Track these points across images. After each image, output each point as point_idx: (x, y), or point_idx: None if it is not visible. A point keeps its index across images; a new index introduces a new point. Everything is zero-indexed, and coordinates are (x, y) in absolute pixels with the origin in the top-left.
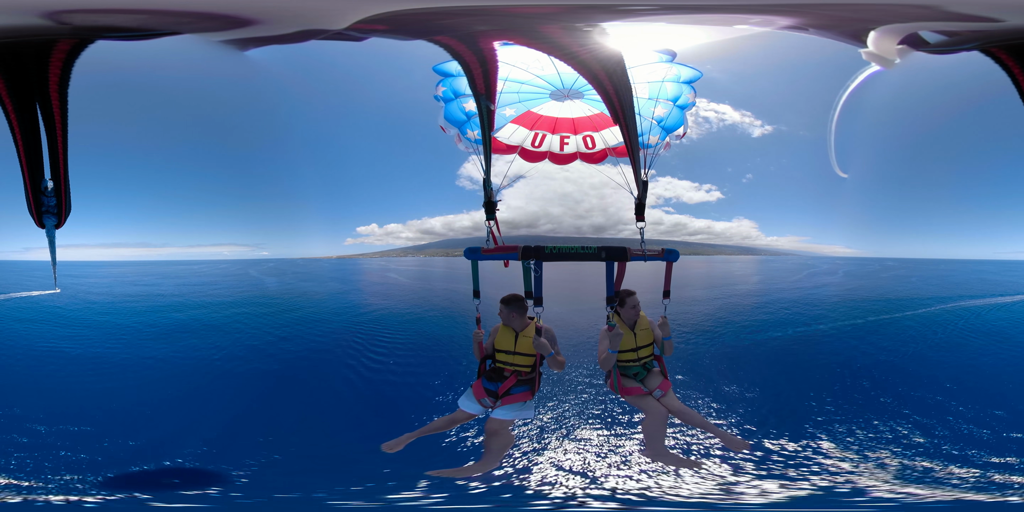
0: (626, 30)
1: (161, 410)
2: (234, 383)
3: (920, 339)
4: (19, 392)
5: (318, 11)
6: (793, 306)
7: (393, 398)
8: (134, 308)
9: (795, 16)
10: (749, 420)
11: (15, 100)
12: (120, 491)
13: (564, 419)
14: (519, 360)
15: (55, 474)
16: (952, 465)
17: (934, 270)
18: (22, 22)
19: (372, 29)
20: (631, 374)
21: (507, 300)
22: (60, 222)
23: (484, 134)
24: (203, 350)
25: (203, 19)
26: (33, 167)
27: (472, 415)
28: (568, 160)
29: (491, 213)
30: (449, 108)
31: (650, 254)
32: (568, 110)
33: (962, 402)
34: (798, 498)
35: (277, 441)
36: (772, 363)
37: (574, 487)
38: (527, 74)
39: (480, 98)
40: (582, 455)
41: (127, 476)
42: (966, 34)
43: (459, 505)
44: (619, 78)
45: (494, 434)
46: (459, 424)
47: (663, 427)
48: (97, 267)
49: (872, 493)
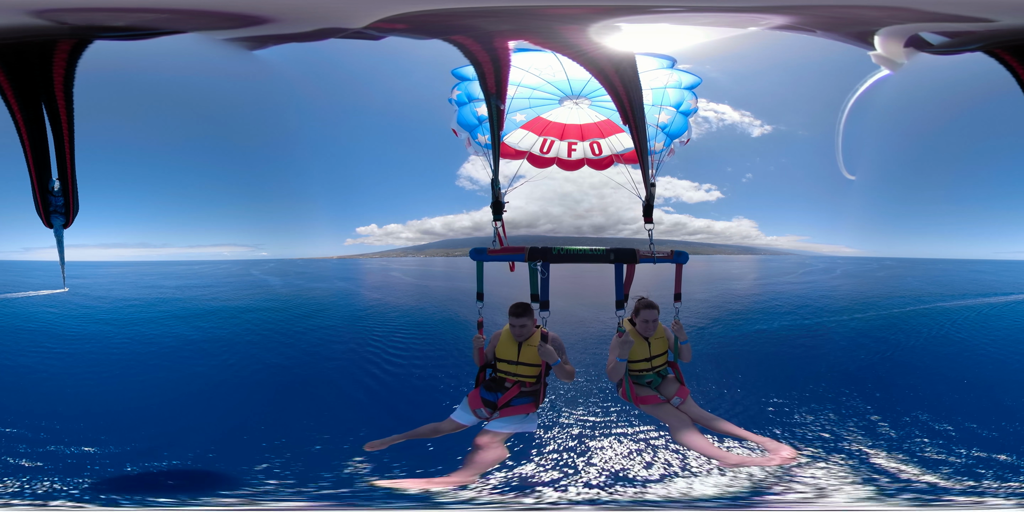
0: (628, 31)
1: (180, 411)
2: (247, 387)
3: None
4: (27, 392)
5: (341, 10)
6: (786, 302)
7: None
8: (137, 308)
9: (796, 16)
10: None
11: (21, 100)
12: (121, 492)
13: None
14: (523, 370)
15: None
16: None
17: (932, 270)
18: (23, 22)
19: (391, 28)
20: (644, 382)
21: (519, 311)
22: (68, 222)
23: (493, 134)
24: (216, 355)
25: (216, 17)
26: (40, 167)
27: (461, 426)
28: (575, 166)
29: (498, 214)
30: (462, 112)
31: (659, 256)
32: (576, 116)
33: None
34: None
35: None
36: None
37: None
38: (538, 80)
39: (490, 97)
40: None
41: (129, 477)
42: (969, 35)
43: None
44: (630, 78)
45: (483, 447)
46: (443, 434)
47: (698, 432)
48: (96, 267)
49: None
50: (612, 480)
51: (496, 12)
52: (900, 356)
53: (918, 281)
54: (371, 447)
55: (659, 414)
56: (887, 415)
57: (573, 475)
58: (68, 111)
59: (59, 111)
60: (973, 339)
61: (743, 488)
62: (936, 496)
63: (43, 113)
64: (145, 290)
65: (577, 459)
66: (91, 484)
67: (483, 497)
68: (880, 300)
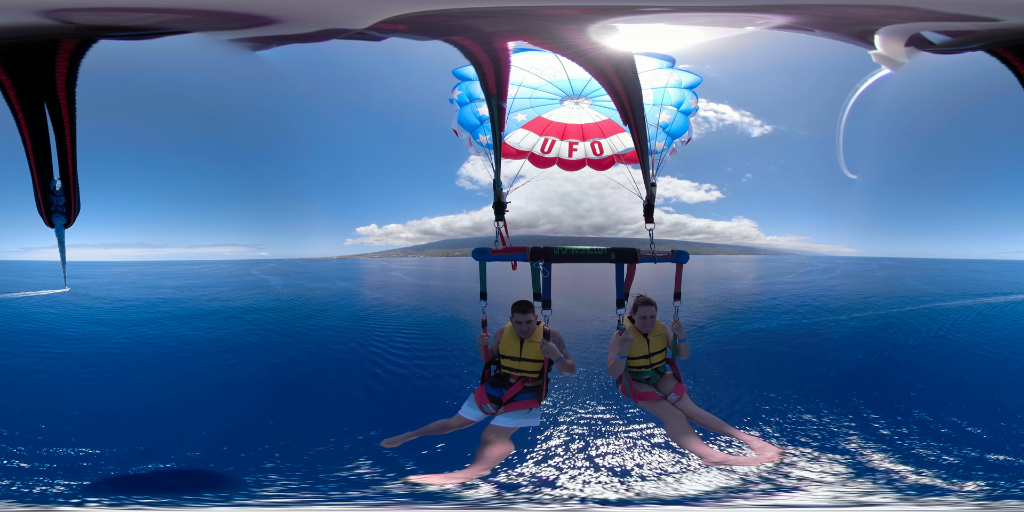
0: (629, 31)
1: (181, 411)
2: (252, 387)
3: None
4: (28, 392)
5: (343, 11)
6: (784, 301)
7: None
8: (137, 309)
9: (795, 15)
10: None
11: (23, 100)
12: (121, 493)
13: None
14: (525, 366)
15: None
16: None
17: (931, 270)
18: (25, 21)
19: (392, 29)
20: (643, 379)
21: (521, 309)
22: (69, 221)
23: (495, 134)
24: (218, 355)
25: (221, 18)
26: (42, 166)
27: (469, 421)
28: (577, 166)
29: (500, 214)
30: (463, 112)
31: (660, 255)
32: (577, 116)
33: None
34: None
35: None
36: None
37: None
38: (539, 79)
39: (491, 98)
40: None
41: (129, 477)
42: (971, 34)
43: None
44: (629, 77)
45: (490, 442)
46: (452, 430)
47: (690, 429)
48: (96, 267)
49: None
50: (608, 475)
51: (494, 13)
52: (899, 356)
53: (917, 281)
54: (388, 444)
55: (655, 410)
56: (884, 414)
57: (570, 470)
58: (70, 110)
59: (61, 110)
60: (972, 338)
61: (730, 486)
62: (937, 498)
63: (45, 112)
64: (145, 290)
65: (575, 455)
66: (93, 485)
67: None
68: (879, 300)
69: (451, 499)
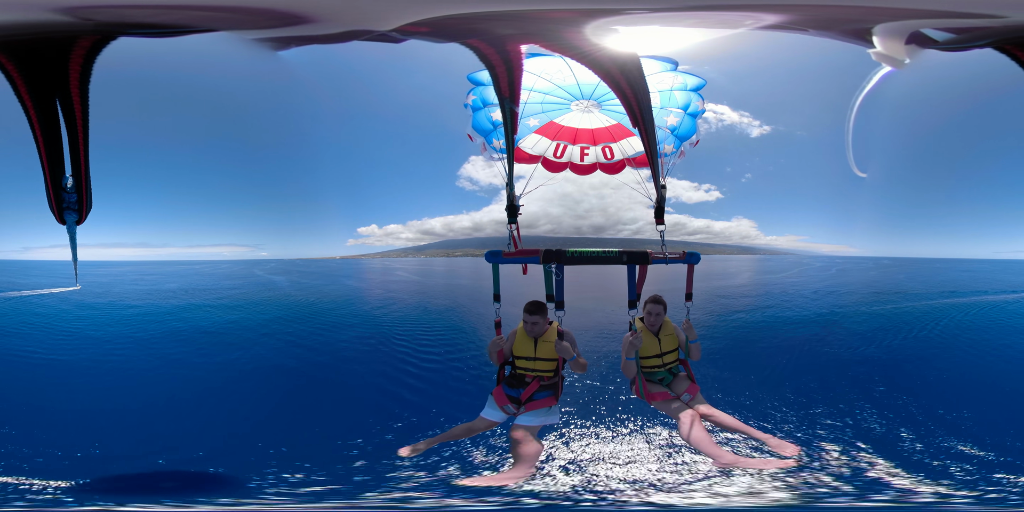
0: (624, 32)
1: (186, 411)
2: (261, 387)
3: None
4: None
5: (375, 12)
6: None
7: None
8: (137, 309)
9: (786, 14)
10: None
11: (35, 97)
12: (125, 493)
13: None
14: (540, 365)
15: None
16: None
17: (931, 269)
18: (41, 18)
19: (414, 31)
20: (656, 380)
21: (533, 309)
22: (81, 218)
23: (508, 137)
24: (225, 353)
25: (257, 15)
26: (54, 164)
27: (493, 423)
28: (588, 171)
29: (513, 217)
30: (477, 117)
31: (671, 257)
32: (588, 121)
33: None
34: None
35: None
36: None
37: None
38: (549, 84)
39: (504, 101)
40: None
41: (132, 478)
42: (976, 31)
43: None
44: (636, 79)
45: (521, 441)
46: (477, 433)
47: (702, 429)
48: (96, 267)
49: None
50: (621, 476)
51: (499, 16)
52: (899, 353)
53: (916, 281)
54: (404, 453)
55: (668, 410)
56: (882, 412)
57: (583, 470)
58: (84, 108)
59: (74, 107)
60: (970, 338)
61: (739, 486)
62: (938, 499)
63: (58, 110)
64: (145, 290)
65: (587, 454)
66: (93, 485)
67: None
68: (878, 299)
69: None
